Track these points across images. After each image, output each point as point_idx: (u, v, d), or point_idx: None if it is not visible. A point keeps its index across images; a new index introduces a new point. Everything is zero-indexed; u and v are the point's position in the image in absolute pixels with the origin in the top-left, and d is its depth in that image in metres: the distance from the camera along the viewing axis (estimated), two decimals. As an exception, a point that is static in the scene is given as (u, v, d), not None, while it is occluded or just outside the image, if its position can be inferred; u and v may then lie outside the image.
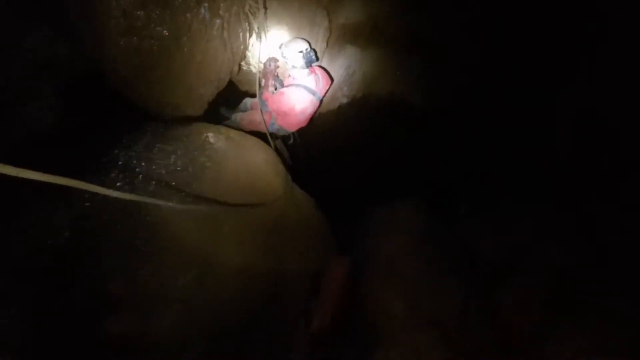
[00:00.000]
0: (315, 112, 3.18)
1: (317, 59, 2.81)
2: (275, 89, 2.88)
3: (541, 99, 3.03)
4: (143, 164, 2.21)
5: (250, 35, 2.70)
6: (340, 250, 3.19)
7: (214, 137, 2.60)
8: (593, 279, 2.14)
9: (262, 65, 2.77)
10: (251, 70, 3.10)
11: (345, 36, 3.67)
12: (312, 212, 3.10)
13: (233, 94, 3.60)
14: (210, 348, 1.99)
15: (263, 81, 2.82)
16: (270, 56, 2.88)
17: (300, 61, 2.74)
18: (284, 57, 2.78)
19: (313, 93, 2.89)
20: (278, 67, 2.89)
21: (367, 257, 2.68)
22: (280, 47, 2.81)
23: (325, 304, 2.51)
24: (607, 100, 2.58)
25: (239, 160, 2.60)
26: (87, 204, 1.98)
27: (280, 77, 2.97)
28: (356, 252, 2.87)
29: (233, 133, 2.83)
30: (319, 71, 2.97)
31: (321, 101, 3.10)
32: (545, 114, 2.97)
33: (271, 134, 2.83)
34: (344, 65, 3.67)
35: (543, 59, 2.98)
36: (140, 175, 2.15)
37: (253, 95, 3.28)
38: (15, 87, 2.07)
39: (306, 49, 2.71)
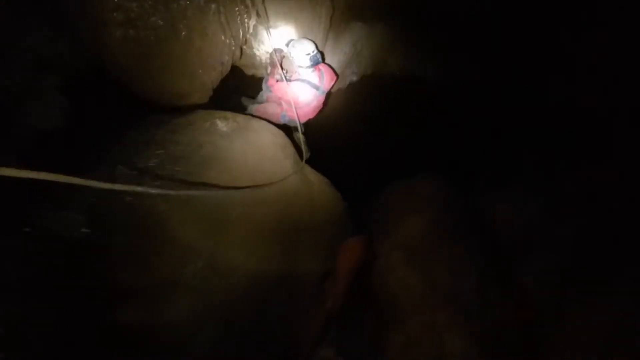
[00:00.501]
0: (321, 106, 3.30)
1: (323, 59, 2.93)
2: (281, 77, 2.94)
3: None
4: (149, 156, 2.22)
5: (249, 18, 2.64)
6: (357, 228, 3.17)
7: (219, 123, 2.59)
8: (618, 252, 2.02)
9: (268, 54, 2.91)
10: (255, 54, 3.05)
11: (350, 12, 3.54)
12: (326, 191, 3.07)
13: (253, 83, 3.59)
14: (223, 333, 2.04)
15: (269, 68, 2.94)
16: (276, 47, 2.96)
17: (307, 62, 2.87)
18: (291, 56, 2.87)
19: (316, 88, 3.00)
20: (283, 57, 2.95)
21: (385, 233, 2.64)
22: (287, 45, 2.91)
23: (339, 285, 2.51)
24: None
25: (245, 144, 2.58)
26: (95, 200, 2.02)
27: (285, 69, 3.01)
28: (373, 229, 2.84)
29: (240, 118, 2.81)
30: (323, 68, 3.07)
31: (327, 96, 3.23)
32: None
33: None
34: (350, 42, 3.55)
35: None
36: (147, 167, 2.17)
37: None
38: (18, 87, 2.09)
39: (313, 51, 2.83)
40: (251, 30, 2.79)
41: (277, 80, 2.95)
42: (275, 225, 2.43)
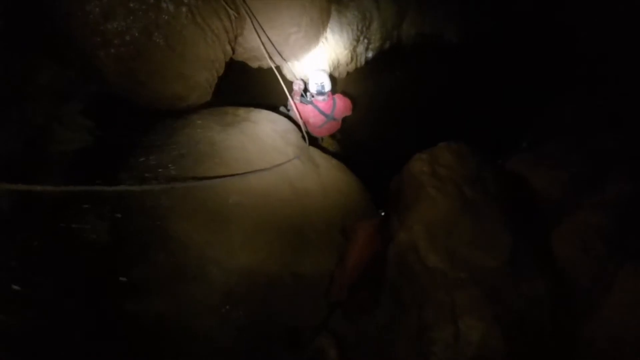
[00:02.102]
0: (333, 130, 3.63)
1: (329, 87, 3.25)
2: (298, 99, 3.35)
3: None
4: (150, 159, 2.41)
5: (230, 12, 2.66)
6: (375, 206, 3.01)
7: (217, 118, 2.73)
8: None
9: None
10: (254, 47, 3.08)
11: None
12: (338, 173, 2.98)
13: (260, 76, 3.69)
14: (227, 318, 2.13)
15: (293, 90, 3.33)
16: (299, 79, 3.37)
17: (314, 90, 3.25)
18: (307, 84, 3.31)
19: (325, 115, 3.31)
20: (302, 88, 3.33)
21: (405, 208, 2.50)
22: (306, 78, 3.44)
23: (346, 273, 2.42)
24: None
25: (243, 136, 2.67)
26: (111, 206, 2.29)
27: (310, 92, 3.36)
28: (393, 207, 2.71)
29: (240, 111, 2.93)
30: (337, 97, 3.39)
31: (337, 121, 3.54)
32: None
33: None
34: (357, 18, 3.38)
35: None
36: (148, 169, 2.37)
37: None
38: (43, 118, 2.45)
39: (321, 83, 3.20)
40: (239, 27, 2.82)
41: (295, 102, 3.28)
42: (279, 209, 2.45)
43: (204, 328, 2.09)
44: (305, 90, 3.33)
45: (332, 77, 3.40)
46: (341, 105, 3.38)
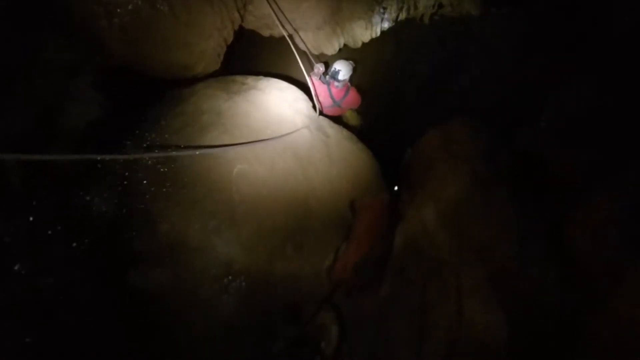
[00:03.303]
0: (336, 114, 3.74)
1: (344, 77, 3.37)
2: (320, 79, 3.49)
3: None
4: (155, 129, 2.41)
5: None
6: (387, 182, 2.94)
7: (223, 87, 2.68)
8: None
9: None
10: (264, 14, 2.97)
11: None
12: (349, 144, 2.92)
13: (272, 44, 3.59)
14: (227, 290, 2.16)
15: (314, 71, 3.49)
16: (320, 64, 3.50)
17: (331, 74, 3.36)
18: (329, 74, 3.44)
19: (333, 100, 3.46)
20: (320, 72, 3.45)
21: (417, 185, 2.43)
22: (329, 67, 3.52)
23: (351, 251, 2.38)
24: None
25: (248, 104, 2.61)
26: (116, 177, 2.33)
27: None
28: (404, 184, 2.65)
29: (249, 79, 2.87)
30: (352, 90, 3.53)
31: (343, 109, 3.73)
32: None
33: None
34: None
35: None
36: (154, 140, 2.37)
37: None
38: (54, 93, 2.45)
39: (338, 70, 3.30)
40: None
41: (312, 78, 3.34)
42: (283, 179, 2.42)
43: (205, 298, 2.10)
44: (325, 72, 3.46)
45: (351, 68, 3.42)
46: (351, 98, 3.54)
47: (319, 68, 3.43)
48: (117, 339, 2.00)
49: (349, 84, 3.46)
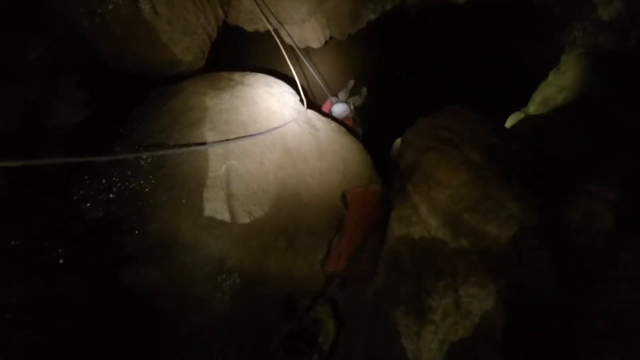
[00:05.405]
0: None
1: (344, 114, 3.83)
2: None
3: None
4: (141, 129, 2.40)
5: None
6: (377, 174, 2.94)
7: (209, 83, 2.66)
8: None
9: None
10: (247, 9, 2.94)
11: None
12: (338, 137, 2.91)
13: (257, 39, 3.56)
14: (222, 285, 2.16)
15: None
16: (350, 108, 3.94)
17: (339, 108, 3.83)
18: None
19: (331, 113, 3.83)
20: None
21: (406, 175, 2.42)
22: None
23: (344, 242, 2.37)
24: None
25: (236, 99, 2.59)
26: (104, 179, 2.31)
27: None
28: (394, 175, 2.64)
29: (236, 75, 2.85)
30: (347, 121, 3.85)
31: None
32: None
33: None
34: None
35: None
36: (140, 139, 2.36)
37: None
38: (39, 93, 2.40)
39: (344, 111, 3.80)
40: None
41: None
42: (273, 172, 2.41)
43: (198, 295, 2.09)
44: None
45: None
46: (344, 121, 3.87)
47: (333, 101, 3.90)
48: (116, 339, 1.98)
49: (348, 116, 3.86)
